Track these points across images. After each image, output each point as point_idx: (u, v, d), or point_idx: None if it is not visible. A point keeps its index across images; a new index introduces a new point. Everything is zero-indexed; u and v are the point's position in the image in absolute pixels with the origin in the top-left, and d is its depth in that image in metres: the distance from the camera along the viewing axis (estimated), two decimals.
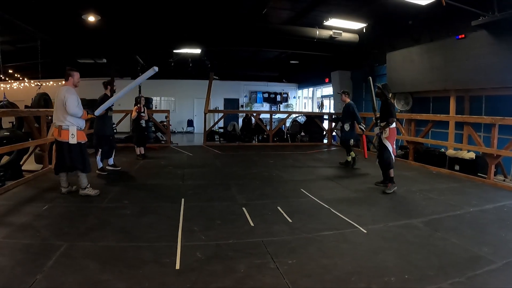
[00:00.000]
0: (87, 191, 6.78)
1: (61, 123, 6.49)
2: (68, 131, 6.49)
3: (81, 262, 3.92)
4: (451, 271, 3.92)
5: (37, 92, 13.19)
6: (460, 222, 5.69)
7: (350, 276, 3.76)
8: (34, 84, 21.61)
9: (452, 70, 11.19)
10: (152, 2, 11.16)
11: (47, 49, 15.50)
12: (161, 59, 20.51)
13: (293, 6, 12.17)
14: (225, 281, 3.61)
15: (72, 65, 19.80)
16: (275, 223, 5.39)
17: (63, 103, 6.43)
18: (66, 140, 6.51)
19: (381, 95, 7.87)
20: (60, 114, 6.51)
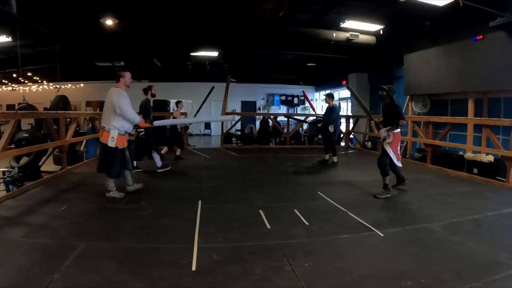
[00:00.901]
0: (112, 194, 6.82)
1: (105, 124, 6.58)
2: (109, 133, 6.53)
3: (98, 262, 3.97)
4: (468, 276, 3.88)
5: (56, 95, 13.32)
6: (478, 227, 5.62)
7: (366, 280, 3.75)
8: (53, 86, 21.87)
9: (470, 71, 11.08)
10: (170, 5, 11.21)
11: (66, 52, 15.66)
12: (178, 62, 20.61)
13: (310, 9, 12.13)
14: (241, 283, 3.62)
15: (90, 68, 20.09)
16: (291, 226, 5.39)
17: (113, 106, 6.52)
18: (105, 142, 6.57)
19: (386, 98, 7.54)
20: (107, 115, 6.61)
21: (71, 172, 9.18)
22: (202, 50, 16.03)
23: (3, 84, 25.67)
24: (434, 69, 12.72)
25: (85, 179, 8.42)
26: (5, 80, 24.78)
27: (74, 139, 10.11)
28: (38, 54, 16.81)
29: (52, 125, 9.02)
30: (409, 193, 7.62)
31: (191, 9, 11.56)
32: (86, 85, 25.58)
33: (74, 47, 15.22)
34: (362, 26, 12.40)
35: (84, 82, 25.42)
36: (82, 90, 25.30)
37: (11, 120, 7.12)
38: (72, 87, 24.60)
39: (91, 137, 12.04)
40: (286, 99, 27.94)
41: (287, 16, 12.40)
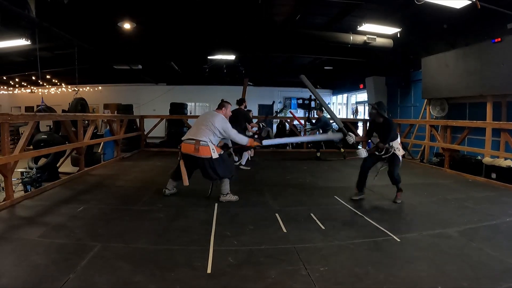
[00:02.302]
0: (229, 197, 7.00)
1: (201, 138, 6.67)
2: (209, 147, 6.66)
3: (113, 263, 4.00)
4: (485, 283, 3.83)
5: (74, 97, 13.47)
6: (496, 233, 5.55)
7: (382, 285, 3.72)
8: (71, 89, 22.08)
9: (489, 74, 10.97)
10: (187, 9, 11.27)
11: (84, 55, 15.82)
12: (195, 65, 20.71)
13: (327, 12, 12.14)
14: (256, 286, 3.63)
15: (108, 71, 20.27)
16: (308, 230, 5.37)
17: (216, 129, 6.77)
18: (208, 156, 6.68)
19: (377, 116, 7.09)
20: (202, 131, 6.74)
21: (89, 173, 9.26)
22: (219, 54, 16.08)
23: (23, 87, 26.02)
24: (452, 73, 12.62)
25: (103, 181, 8.49)
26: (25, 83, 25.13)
27: (91, 141, 10.19)
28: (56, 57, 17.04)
29: (70, 127, 9.12)
30: (426, 198, 7.57)
31: (208, 12, 11.62)
32: (104, 88, 25.84)
33: (92, 50, 15.37)
34: (379, 29, 12.38)
35: (102, 85, 25.69)
36: (100, 92, 25.55)
37: (30, 121, 7.20)
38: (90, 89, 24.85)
39: (108, 139, 12.15)
40: (303, 103, 27.84)
41: (303, 19, 12.42)
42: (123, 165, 10.77)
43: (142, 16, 11.67)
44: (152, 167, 10.50)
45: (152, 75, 23.86)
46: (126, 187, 7.89)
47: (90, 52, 15.75)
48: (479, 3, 8.63)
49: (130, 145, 14.21)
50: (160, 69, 22.00)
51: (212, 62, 18.40)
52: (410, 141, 14.49)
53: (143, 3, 10.93)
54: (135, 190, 7.60)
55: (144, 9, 11.18)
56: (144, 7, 11.07)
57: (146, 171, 9.92)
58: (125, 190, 7.58)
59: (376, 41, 13.48)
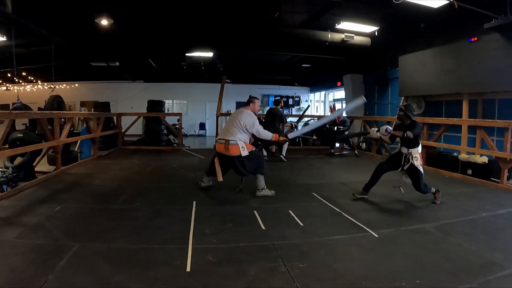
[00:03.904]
0: (264, 192, 7.17)
1: (230, 138, 6.89)
2: (238, 145, 6.84)
3: (92, 263, 3.95)
4: (463, 277, 3.90)
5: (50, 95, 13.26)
6: (472, 227, 5.65)
7: (361, 281, 3.75)
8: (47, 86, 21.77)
9: (465, 73, 11.12)
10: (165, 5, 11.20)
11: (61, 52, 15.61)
12: (173, 63, 20.60)
13: (306, 10, 12.14)
14: (236, 284, 3.62)
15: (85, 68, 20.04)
16: (286, 227, 5.38)
17: (243, 126, 6.98)
18: (237, 154, 6.87)
19: (404, 118, 6.99)
20: (231, 130, 6.97)
21: (66, 172, 9.15)
22: (197, 51, 16.03)
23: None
24: (429, 71, 12.75)
25: (80, 180, 8.39)
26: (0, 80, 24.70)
27: (68, 139, 10.07)
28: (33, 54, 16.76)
29: (47, 125, 8.99)
30: (403, 194, 7.63)
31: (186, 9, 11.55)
32: (81, 85, 25.51)
33: (69, 47, 15.19)
34: (357, 27, 12.48)
35: (79, 82, 25.34)
36: (76, 90, 25.20)
37: (5, 120, 7.09)
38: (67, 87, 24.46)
39: (85, 138, 12.00)
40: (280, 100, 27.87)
41: (282, 17, 12.41)
42: (100, 164, 10.67)
43: (120, 12, 11.54)
44: (129, 165, 10.43)
45: (130, 72, 23.66)
46: (103, 186, 7.82)
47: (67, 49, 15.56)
48: (456, 3, 8.73)
49: (107, 143, 14.05)
50: (137, 66, 21.81)
51: (190, 59, 18.32)
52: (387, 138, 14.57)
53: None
54: (113, 188, 7.53)
55: (121, 5, 11.07)
56: (121, 3, 10.95)
57: (124, 169, 9.84)
58: (103, 189, 7.51)
59: (354, 39, 13.56)
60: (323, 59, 18.65)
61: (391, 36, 13.83)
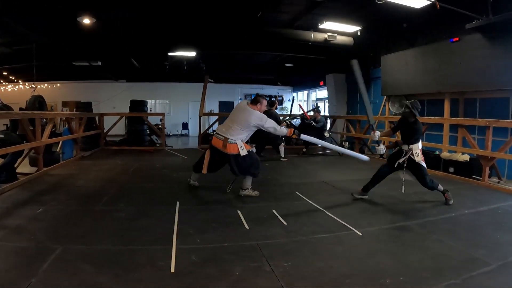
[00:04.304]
0: (247, 192, 7.19)
1: (229, 136, 6.82)
2: (237, 144, 6.79)
3: (76, 265, 3.90)
4: (446, 273, 3.93)
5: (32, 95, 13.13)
6: (455, 224, 5.72)
7: (345, 279, 3.77)
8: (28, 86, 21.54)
9: (447, 73, 11.23)
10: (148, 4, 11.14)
11: (42, 51, 15.47)
12: (156, 62, 20.50)
13: (289, 9, 12.15)
14: (220, 284, 3.60)
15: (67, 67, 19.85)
16: (270, 226, 5.39)
17: (251, 125, 6.92)
18: (235, 153, 6.81)
19: (409, 116, 6.98)
20: (232, 128, 6.88)
21: (48, 173, 9.05)
22: (180, 50, 15.97)
23: None
24: (411, 70, 12.85)
25: (62, 181, 8.30)
26: None
27: (50, 140, 9.96)
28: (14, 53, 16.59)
29: (28, 125, 8.88)
30: (386, 192, 7.68)
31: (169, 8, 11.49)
32: (63, 85, 25.23)
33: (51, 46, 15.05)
34: (340, 27, 12.54)
35: (61, 82, 25.06)
36: (58, 90, 24.93)
37: None
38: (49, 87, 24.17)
39: (67, 138, 11.90)
40: None
41: (265, 16, 12.41)
42: (82, 165, 10.58)
43: (102, 11, 11.45)
44: (112, 166, 10.36)
45: (112, 71, 23.48)
46: (86, 187, 7.74)
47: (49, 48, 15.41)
48: (438, 3, 8.81)
49: (89, 144, 13.93)
50: (120, 66, 21.65)
51: (173, 59, 18.24)
52: (369, 137, 14.69)
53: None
54: (95, 189, 7.46)
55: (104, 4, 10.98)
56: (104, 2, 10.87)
57: (106, 170, 9.76)
58: (86, 190, 7.43)
59: (336, 39, 13.62)
60: (306, 59, 18.70)
61: (374, 36, 13.92)
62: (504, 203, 7.11)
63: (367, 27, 12.71)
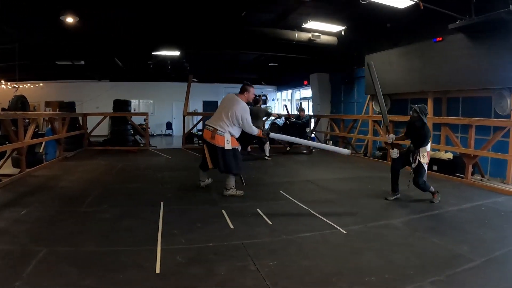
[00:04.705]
0: (232, 192, 7.14)
1: (218, 128, 6.84)
2: (224, 137, 6.82)
3: (61, 268, 3.86)
4: (431, 270, 3.97)
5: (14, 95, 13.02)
6: (439, 222, 5.80)
7: (331, 277, 3.78)
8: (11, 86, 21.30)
9: (430, 72, 11.36)
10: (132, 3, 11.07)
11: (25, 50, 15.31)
12: (140, 61, 20.39)
13: (273, 9, 12.18)
14: (206, 284, 3.59)
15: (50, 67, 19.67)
16: (255, 226, 5.38)
17: (234, 115, 6.88)
18: (221, 146, 6.83)
19: (417, 120, 6.97)
20: (221, 120, 6.88)
21: (31, 175, 8.95)
22: (164, 50, 15.91)
23: None
24: (394, 70, 12.96)
25: (46, 182, 8.21)
26: None
27: (33, 140, 9.86)
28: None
29: (10, 126, 8.79)
30: (371, 190, 7.74)
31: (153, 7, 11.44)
32: (46, 85, 25.00)
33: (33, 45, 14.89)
34: (324, 27, 12.57)
35: (44, 81, 24.81)
36: (41, 89, 24.71)
37: None
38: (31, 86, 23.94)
39: (50, 139, 11.79)
40: None
41: (250, 16, 12.41)
42: (66, 165, 10.47)
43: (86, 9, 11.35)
44: (96, 167, 10.27)
45: (96, 71, 23.30)
46: (70, 188, 7.65)
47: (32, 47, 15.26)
48: (422, 3, 8.88)
49: (73, 144, 13.79)
50: (103, 65, 21.49)
51: (157, 58, 18.17)
52: (353, 136, 14.81)
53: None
54: (79, 190, 7.39)
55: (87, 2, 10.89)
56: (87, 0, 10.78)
57: (90, 170, 9.68)
58: (69, 191, 7.35)
59: (320, 39, 13.65)
60: (290, 58, 18.75)
61: (358, 35, 13.98)
62: (487, 200, 7.22)
63: (351, 27, 12.77)
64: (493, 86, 9.68)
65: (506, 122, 8.95)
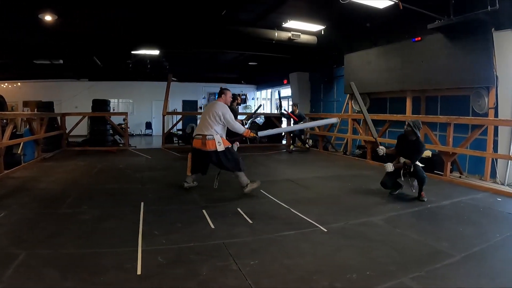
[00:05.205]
0: (250, 187, 7.24)
1: (207, 133, 6.92)
2: (214, 140, 6.86)
3: (41, 271, 3.81)
4: (411, 266, 4.03)
5: None
6: (418, 218, 5.88)
7: (313, 275, 3.79)
8: None
9: (409, 71, 11.50)
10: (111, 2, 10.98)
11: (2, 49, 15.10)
12: (119, 61, 20.25)
13: (253, 8, 12.18)
14: (187, 285, 3.58)
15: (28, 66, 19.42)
16: (236, 225, 5.38)
17: (217, 115, 7.02)
18: (213, 149, 6.89)
19: (411, 134, 7.06)
20: (207, 124, 7.03)
21: (9, 176, 8.81)
22: (144, 49, 15.82)
23: None
24: (373, 69, 13.08)
25: (24, 184, 8.08)
26: None
27: (11, 141, 9.71)
28: None
29: None
30: (351, 188, 7.80)
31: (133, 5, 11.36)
32: (23, 84, 24.63)
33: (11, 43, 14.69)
34: (303, 26, 12.65)
35: (21, 81, 24.46)
36: (19, 89, 24.36)
37: None
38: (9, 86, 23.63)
39: (28, 139, 11.63)
40: None
41: (230, 15, 12.40)
42: (45, 166, 10.34)
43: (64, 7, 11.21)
44: (75, 167, 10.16)
45: (74, 70, 23.04)
46: (49, 189, 7.55)
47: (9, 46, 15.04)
48: (401, 4, 8.97)
49: (51, 145, 13.61)
50: (82, 64, 21.30)
51: (136, 57, 18.06)
52: (333, 134, 14.91)
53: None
54: (58, 192, 7.28)
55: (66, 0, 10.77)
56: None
57: (69, 171, 9.57)
58: (48, 193, 7.24)
59: (300, 38, 13.72)
60: (269, 57, 18.80)
61: (337, 35, 14.07)
62: (466, 197, 7.35)
63: (330, 26, 12.85)
64: (471, 85, 9.83)
65: (484, 120, 9.11)
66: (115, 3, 11.15)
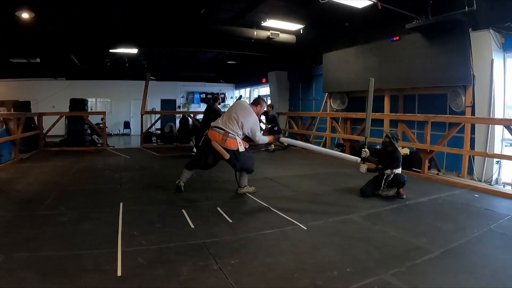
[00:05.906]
0: (246, 189, 7.28)
1: (230, 131, 6.84)
2: (236, 140, 6.83)
3: (19, 274, 3.74)
4: (391, 262, 4.07)
5: None
6: (397, 215, 5.96)
7: (293, 273, 3.80)
8: None
9: (387, 70, 11.59)
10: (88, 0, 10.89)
11: None
12: (97, 59, 20.07)
13: (232, 7, 12.19)
14: (168, 285, 3.56)
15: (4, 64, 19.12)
16: (215, 224, 5.37)
17: (246, 128, 6.99)
18: (235, 148, 6.89)
19: (389, 145, 7.19)
20: (233, 124, 6.91)
21: None
22: (122, 47, 15.71)
23: None
24: (352, 68, 13.16)
25: (1, 186, 7.87)
26: None
27: None
28: None
29: None
30: (330, 186, 7.86)
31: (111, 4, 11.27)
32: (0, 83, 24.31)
33: None
34: (282, 25, 12.69)
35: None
36: None
37: None
38: None
39: (5, 140, 11.47)
40: (206, 97, 27.80)
41: (208, 14, 12.37)
42: (22, 167, 10.20)
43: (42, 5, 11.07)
44: (53, 168, 10.04)
45: (51, 69, 22.76)
46: (26, 191, 7.42)
47: None
48: (380, 4, 9.04)
49: (28, 145, 13.44)
50: (59, 63, 21.05)
51: (114, 56, 17.92)
52: (312, 133, 15.00)
53: None
54: (36, 193, 7.17)
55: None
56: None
57: (47, 172, 9.45)
58: (26, 194, 7.12)
59: (279, 37, 13.77)
60: (248, 56, 18.82)
61: (316, 34, 14.15)
62: (444, 194, 7.48)
63: (309, 25, 12.90)
64: (449, 84, 9.96)
65: (461, 118, 9.25)
66: (92, 2, 11.04)
